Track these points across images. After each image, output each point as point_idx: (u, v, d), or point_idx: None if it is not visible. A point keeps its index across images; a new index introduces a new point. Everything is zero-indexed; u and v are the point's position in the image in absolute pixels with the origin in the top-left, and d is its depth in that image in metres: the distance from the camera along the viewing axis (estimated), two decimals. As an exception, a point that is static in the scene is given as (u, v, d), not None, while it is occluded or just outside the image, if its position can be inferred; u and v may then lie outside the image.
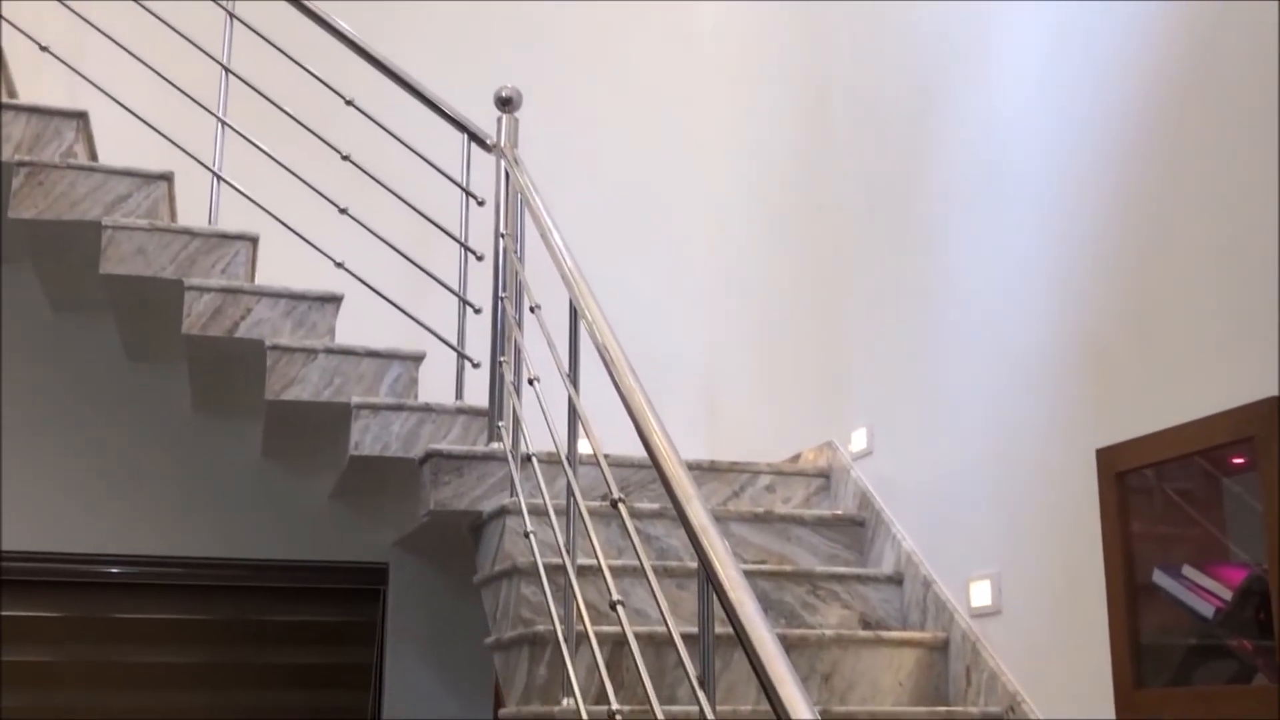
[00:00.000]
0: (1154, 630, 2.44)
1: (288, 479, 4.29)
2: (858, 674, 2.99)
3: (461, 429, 3.50)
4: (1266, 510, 2.17)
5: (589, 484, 3.49)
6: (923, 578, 3.21)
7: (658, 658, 2.81)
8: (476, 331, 3.79)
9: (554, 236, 3.00)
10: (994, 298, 3.06)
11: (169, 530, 4.18)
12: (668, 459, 2.10)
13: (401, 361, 3.56)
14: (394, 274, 3.82)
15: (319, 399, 3.45)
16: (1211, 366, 2.36)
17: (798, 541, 3.48)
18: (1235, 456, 2.28)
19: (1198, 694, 2.30)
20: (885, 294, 3.59)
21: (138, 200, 3.57)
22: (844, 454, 3.73)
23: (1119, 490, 2.54)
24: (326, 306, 3.58)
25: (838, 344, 3.86)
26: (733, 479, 3.75)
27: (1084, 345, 2.72)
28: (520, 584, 2.99)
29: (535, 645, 2.83)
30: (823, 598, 3.25)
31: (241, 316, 3.48)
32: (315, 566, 4.31)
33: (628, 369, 2.38)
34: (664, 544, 3.33)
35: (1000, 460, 2.98)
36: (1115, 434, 2.59)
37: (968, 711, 2.82)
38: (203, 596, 4.26)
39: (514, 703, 2.95)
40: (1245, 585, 2.23)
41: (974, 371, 3.12)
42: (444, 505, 3.29)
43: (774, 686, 1.58)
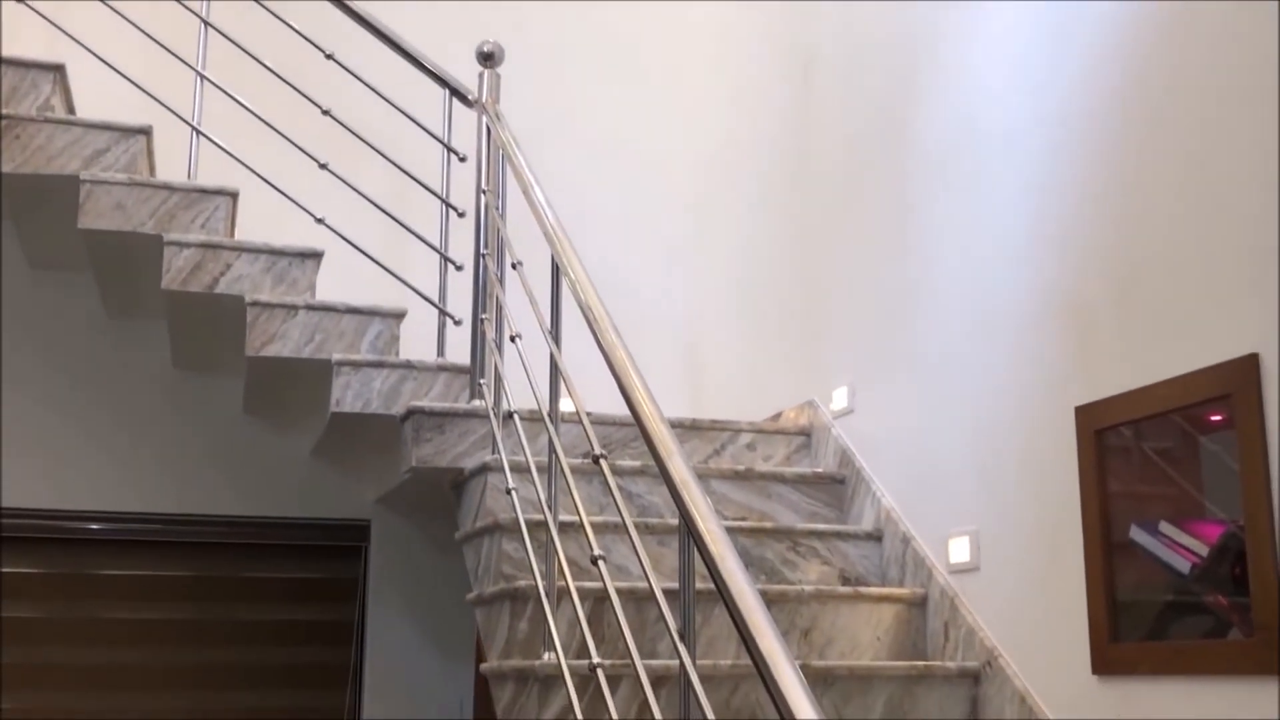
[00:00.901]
0: (1131, 586, 2.46)
1: (269, 436, 4.29)
2: (837, 629, 3.01)
3: (443, 386, 3.50)
4: (1244, 467, 2.19)
5: (571, 442, 3.49)
6: (902, 534, 3.23)
7: (639, 613, 2.83)
8: (458, 288, 3.79)
9: (536, 193, 2.99)
10: (975, 257, 3.07)
11: (150, 487, 4.17)
12: (649, 414, 2.10)
13: (383, 318, 3.55)
14: (375, 230, 3.80)
15: (300, 355, 3.45)
16: (1190, 325, 2.37)
17: (778, 499, 3.50)
18: (1213, 414, 2.30)
19: (1173, 648, 2.33)
20: (867, 253, 3.59)
21: (116, 154, 3.54)
22: (825, 412, 3.74)
23: (1097, 448, 2.56)
24: (307, 262, 3.57)
25: (819, 303, 3.86)
26: (714, 437, 3.76)
27: (1064, 304, 2.73)
28: (502, 540, 3.00)
29: (517, 600, 2.84)
30: (803, 554, 3.27)
31: (221, 272, 3.46)
32: (297, 523, 4.31)
33: (610, 325, 2.38)
34: (645, 501, 3.34)
35: (980, 418, 2.99)
36: (1094, 392, 2.60)
37: (945, 666, 2.85)
38: (183, 553, 4.26)
39: (495, 657, 2.96)
40: (1222, 541, 2.25)
41: (954, 330, 3.13)
42: (425, 462, 3.29)
43: (754, 638, 1.59)
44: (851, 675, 2.77)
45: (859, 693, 2.77)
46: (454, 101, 3.87)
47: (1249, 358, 2.20)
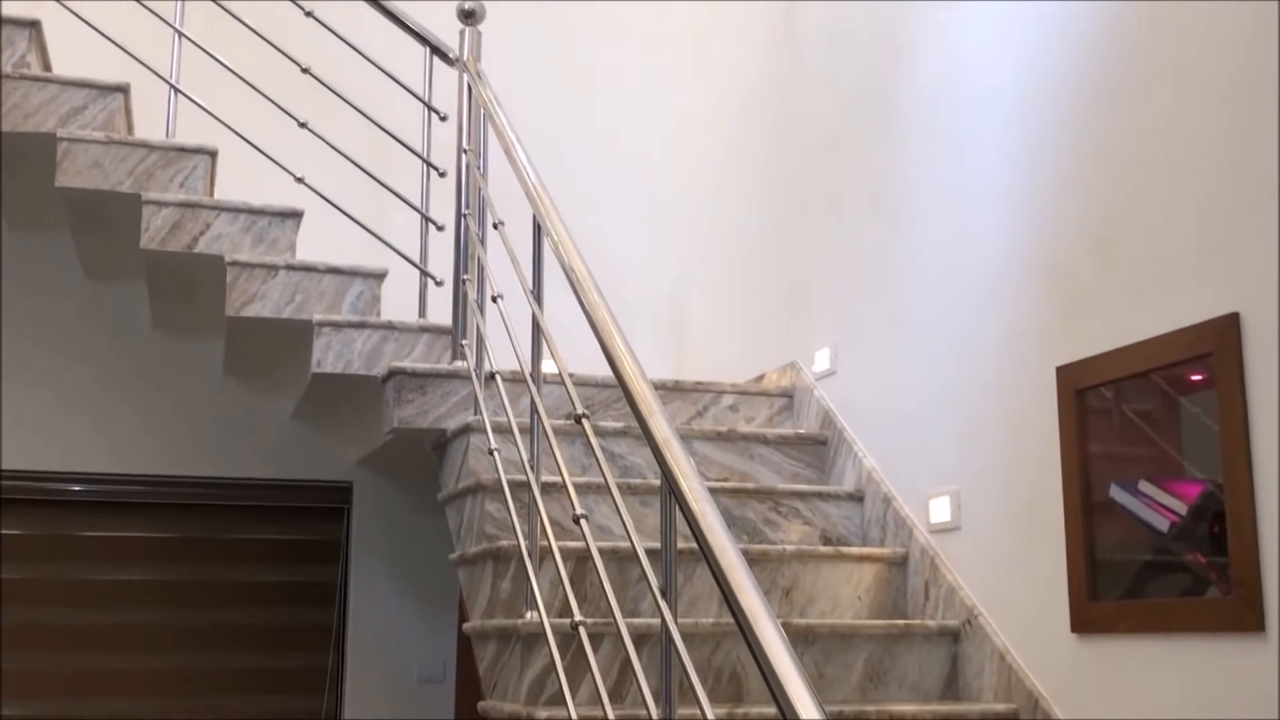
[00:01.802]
0: (1110, 545, 2.48)
1: (250, 397, 4.28)
2: (818, 588, 3.03)
3: (425, 347, 3.49)
4: (1223, 425, 2.20)
5: (553, 403, 3.49)
6: (883, 495, 3.25)
7: (621, 572, 2.83)
8: (439, 249, 3.77)
9: (517, 152, 2.97)
10: (957, 217, 3.07)
11: (130, 448, 4.16)
12: (631, 373, 2.10)
13: (364, 279, 3.53)
14: (355, 191, 3.78)
15: (280, 316, 3.43)
16: (1172, 284, 2.37)
17: (760, 460, 3.50)
18: (1194, 373, 2.30)
19: (1152, 606, 2.34)
20: (850, 216, 3.59)
21: (93, 112, 3.50)
22: (807, 374, 3.75)
23: (1078, 407, 2.57)
24: (287, 222, 3.54)
25: (802, 266, 3.86)
26: (697, 399, 3.76)
27: (1046, 264, 2.73)
28: (484, 500, 3.00)
29: (499, 560, 2.85)
30: (784, 514, 3.28)
31: (200, 232, 3.43)
32: (278, 485, 4.31)
33: (592, 285, 2.37)
34: (628, 462, 3.34)
35: (962, 379, 3.00)
36: (1075, 352, 2.61)
37: (925, 625, 2.87)
38: (165, 514, 4.26)
39: (478, 616, 2.97)
40: (1200, 500, 2.26)
41: (937, 291, 3.13)
42: (407, 423, 3.29)
43: (735, 595, 1.59)
44: (832, 633, 2.78)
45: (839, 650, 2.79)
46: (435, 60, 3.84)
47: (1230, 317, 2.21)
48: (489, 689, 2.81)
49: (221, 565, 4.29)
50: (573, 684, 2.52)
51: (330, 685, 4.28)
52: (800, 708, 1.41)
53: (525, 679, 2.55)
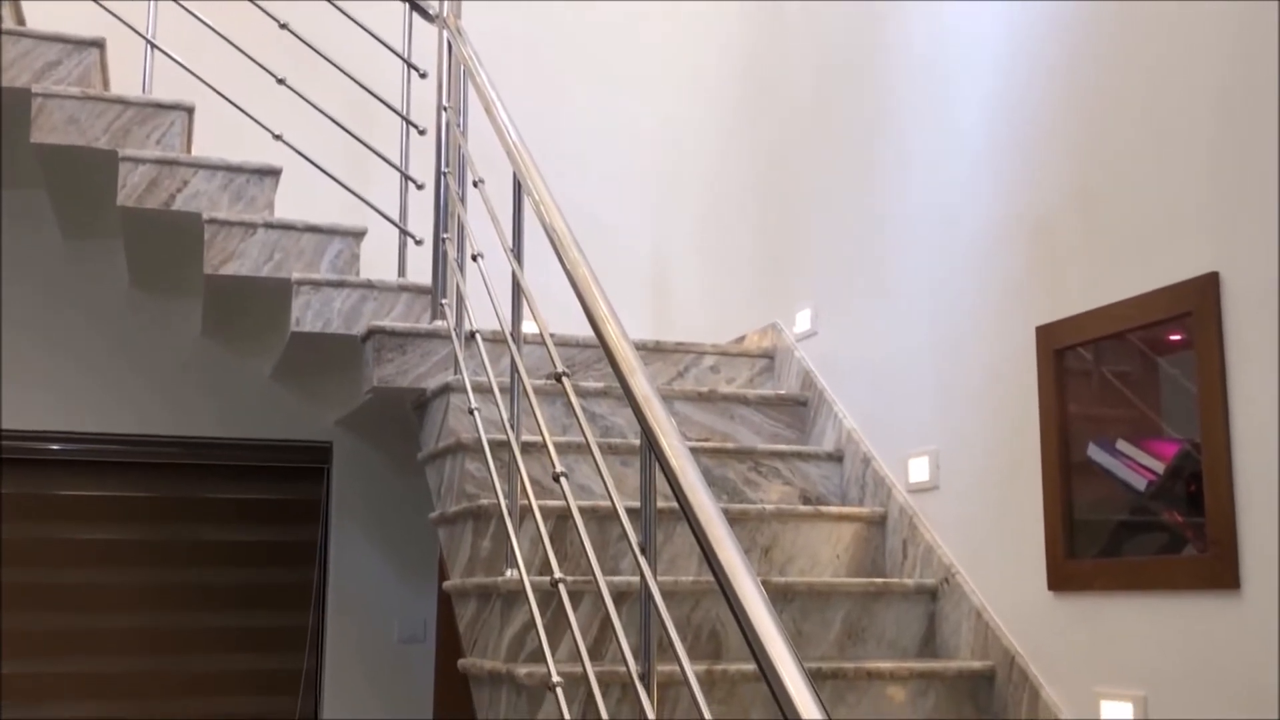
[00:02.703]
0: (1087, 504, 2.49)
1: (229, 357, 4.25)
2: (797, 547, 3.04)
3: (405, 306, 3.47)
4: (1202, 384, 2.21)
5: (533, 363, 3.49)
6: (863, 455, 3.26)
7: (601, 531, 2.84)
8: (419, 208, 3.75)
9: (498, 110, 2.95)
10: (939, 177, 3.06)
11: (110, 408, 4.14)
12: (611, 331, 2.09)
13: (343, 237, 3.51)
14: (335, 149, 3.75)
15: (258, 274, 3.40)
16: (1152, 244, 2.38)
17: (741, 420, 3.51)
18: (1173, 333, 2.31)
19: (1128, 564, 2.36)
20: (832, 175, 3.58)
21: (68, 68, 3.46)
22: (788, 335, 3.75)
23: (1057, 367, 2.57)
24: (265, 180, 3.51)
25: (784, 226, 3.85)
26: (678, 359, 3.76)
27: (1027, 223, 2.73)
28: (464, 460, 2.99)
29: (479, 519, 2.85)
30: (764, 474, 3.29)
31: (178, 189, 3.40)
32: (258, 445, 4.29)
33: (572, 242, 2.36)
34: (609, 422, 3.34)
35: (942, 339, 3.00)
36: (1055, 311, 2.61)
37: (903, 583, 2.88)
38: (144, 474, 4.24)
39: (458, 575, 2.97)
40: (1178, 459, 2.28)
41: (917, 251, 3.13)
42: (387, 382, 3.28)
43: (714, 550, 1.59)
44: (811, 591, 2.80)
45: (818, 608, 2.80)
46: (414, 16, 3.80)
47: (1209, 276, 2.21)
48: (469, 646, 2.82)
49: (201, 525, 4.28)
50: (552, 641, 2.53)
51: (311, 645, 4.29)
52: (779, 663, 1.41)
53: (505, 636, 2.56)
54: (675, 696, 2.45)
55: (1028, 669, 2.60)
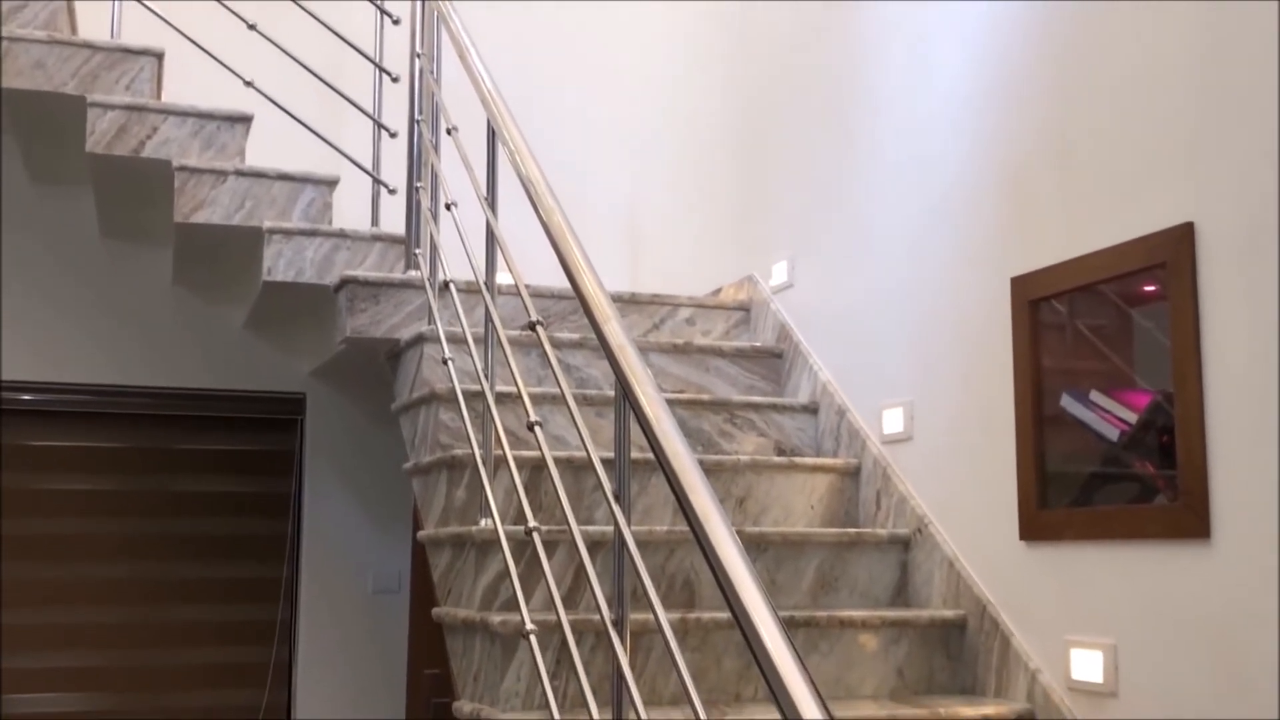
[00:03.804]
0: (1060, 454, 2.50)
1: (201, 307, 4.22)
2: (771, 498, 3.05)
3: (378, 256, 3.45)
4: (1175, 334, 2.22)
5: (508, 314, 3.47)
6: (837, 406, 3.26)
7: (575, 482, 2.84)
8: (392, 157, 3.71)
9: (472, 56, 2.91)
10: (915, 130, 3.05)
11: (80, 358, 4.10)
12: (586, 279, 2.08)
13: (315, 185, 3.47)
14: (306, 96, 3.70)
15: (230, 223, 3.37)
16: (1128, 194, 2.37)
17: (716, 372, 3.51)
18: (1147, 284, 2.31)
19: (1100, 514, 2.37)
20: (809, 128, 3.56)
21: (34, 10, 3.40)
22: (764, 287, 3.74)
23: (1032, 318, 2.58)
24: (236, 127, 3.47)
25: (761, 179, 3.83)
26: (653, 312, 3.75)
27: (1002, 175, 2.73)
28: (439, 410, 2.98)
29: (453, 469, 2.84)
30: (739, 426, 3.29)
31: (147, 136, 3.36)
32: (231, 395, 4.27)
33: (546, 190, 2.34)
34: (584, 374, 3.33)
35: (917, 290, 3.00)
36: (1030, 262, 2.61)
37: (876, 533, 2.90)
38: (116, 424, 4.22)
39: (432, 525, 2.97)
40: (1150, 409, 2.29)
41: (894, 203, 3.12)
42: (360, 332, 3.26)
43: (687, 496, 1.59)
44: (784, 541, 2.81)
45: (791, 558, 2.81)
46: (388, -38, 3.75)
47: (1184, 226, 2.21)
48: (443, 596, 2.82)
49: (174, 476, 4.26)
50: (526, 590, 2.53)
51: (285, 595, 4.29)
52: (752, 608, 1.41)
53: (479, 585, 2.56)
54: (649, 645, 2.46)
55: (999, 618, 2.62)
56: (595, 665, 2.40)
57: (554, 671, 2.37)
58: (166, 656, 4.16)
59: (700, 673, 2.49)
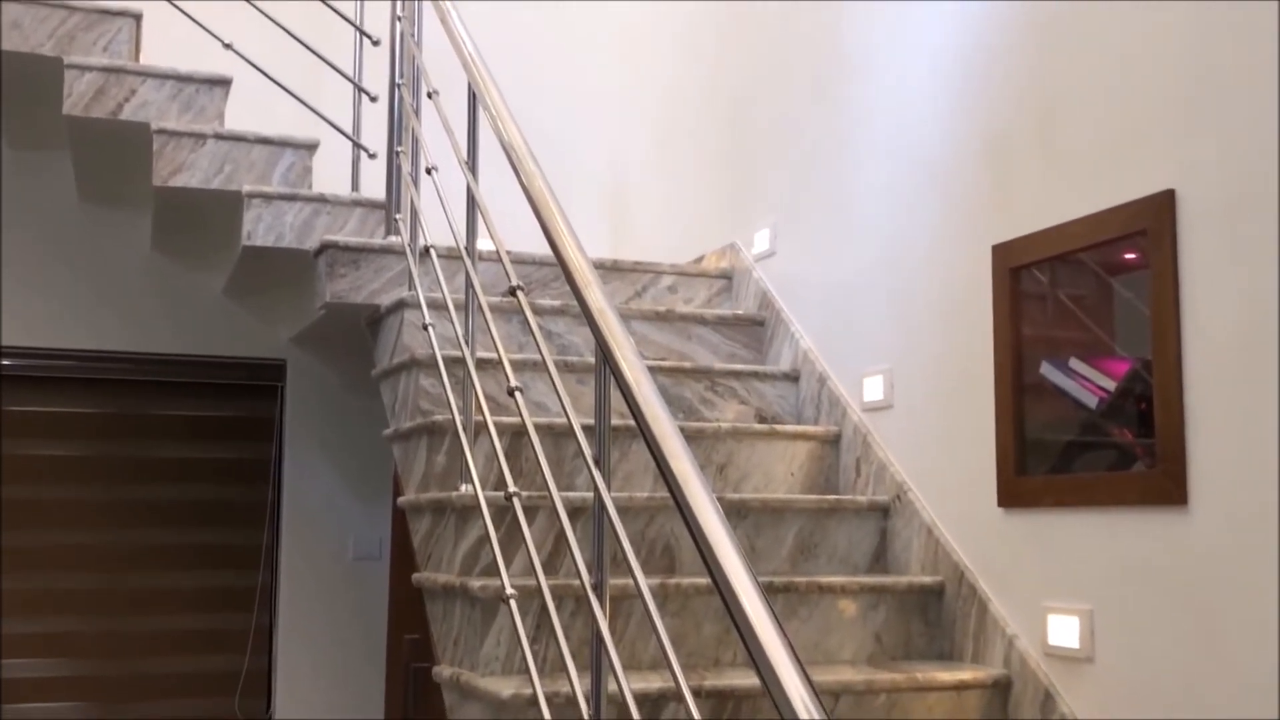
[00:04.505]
0: (1039, 421, 2.51)
1: (180, 272, 4.20)
2: (752, 465, 3.05)
3: (358, 221, 3.43)
4: (1155, 301, 2.22)
5: (489, 281, 3.46)
6: (818, 374, 3.26)
7: (556, 448, 2.84)
8: (372, 121, 3.68)
9: (453, 19, 2.88)
10: (899, 97, 3.04)
11: (59, 323, 4.08)
12: (567, 244, 2.07)
13: (295, 150, 3.45)
14: (286, 60, 3.67)
15: (209, 186, 3.34)
16: (1110, 161, 2.37)
17: (698, 340, 3.51)
18: (1127, 253, 2.32)
19: (1078, 480, 2.38)
20: (792, 96, 3.55)
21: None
22: (746, 255, 3.74)
23: (1012, 285, 2.58)
24: (215, 90, 3.44)
25: (744, 147, 3.82)
26: (635, 279, 3.74)
27: (985, 143, 2.72)
28: (419, 376, 2.97)
29: (434, 435, 2.84)
30: (720, 394, 3.29)
31: (126, 98, 3.33)
32: (210, 362, 4.25)
33: (528, 154, 2.32)
34: (565, 341, 3.33)
35: (899, 258, 3.00)
36: (1012, 230, 2.61)
37: (856, 500, 2.91)
38: (95, 390, 4.20)
39: (412, 491, 2.97)
40: (1129, 376, 2.30)
41: (876, 171, 3.11)
42: (340, 298, 3.24)
43: (667, 461, 1.59)
44: (764, 508, 2.81)
45: (771, 525, 2.82)
46: (368, -76, 3.71)
47: (1165, 194, 2.21)
48: (423, 561, 2.82)
49: (153, 442, 4.25)
50: (507, 556, 2.53)
51: (265, 562, 4.28)
52: (730, 569, 1.42)
53: (459, 551, 2.56)
54: (629, 610, 2.46)
55: (977, 584, 2.63)
56: (575, 630, 2.41)
57: (534, 636, 2.38)
58: (146, 622, 4.16)
59: (680, 638, 2.50)
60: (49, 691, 4.03)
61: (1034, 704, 2.44)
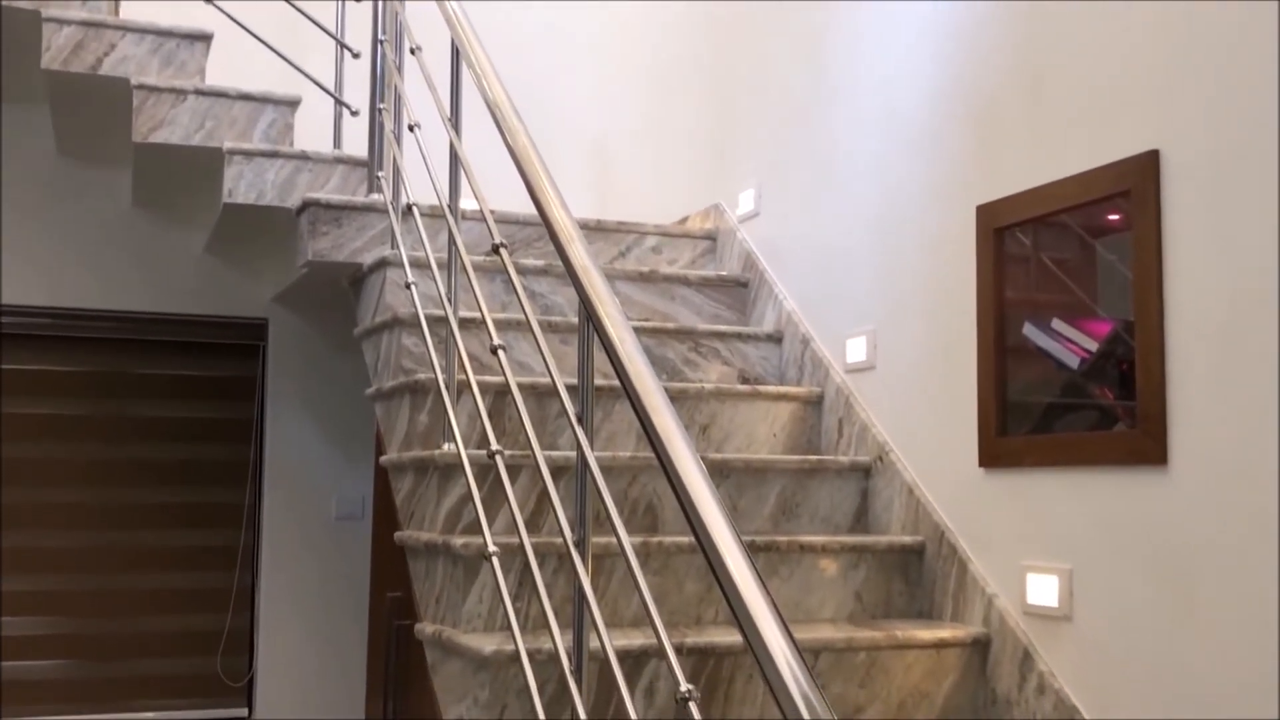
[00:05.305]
0: (1021, 382, 2.52)
1: (160, 230, 4.17)
2: (734, 426, 3.06)
3: (340, 179, 3.41)
4: (1138, 260, 2.22)
5: (472, 240, 3.45)
6: (802, 336, 3.27)
7: (539, 408, 2.83)
8: (355, 78, 3.65)
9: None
10: (884, 57, 3.03)
11: (39, 280, 4.05)
12: (550, 200, 2.06)
13: (276, 106, 3.42)
14: (268, 15, 3.64)
15: (189, 143, 3.32)
16: (1095, 122, 2.37)
17: (682, 301, 3.50)
18: (1111, 213, 2.32)
19: (1059, 440, 2.39)
20: (779, 58, 3.53)
21: (-15, -78, 3.31)
22: (730, 216, 3.73)
23: (996, 246, 2.58)
24: (196, 45, 3.40)
25: (728, 107, 3.81)
26: (619, 239, 3.73)
27: (970, 103, 2.71)
28: (401, 335, 2.96)
29: (416, 394, 2.83)
30: (704, 355, 3.29)
31: (105, 53, 3.29)
32: (192, 321, 4.23)
33: (511, 110, 2.31)
34: (549, 301, 3.32)
35: (884, 219, 3.00)
36: (996, 191, 2.61)
37: (838, 460, 2.92)
38: (77, 349, 4.17)
39: (395, 450, 2.96)
40: (1111, 337, 2.30)
41: (861, 131, 3.10)
42: (322, 256, 3.23)
43: (649, 417, 1.59)
44: (747, 468, 2.82)
45: (753, 484, 2.83)
46: (351, -122, 3.67)
47: (1149, 154, 2.21)
48: (406, 519, 2.82)
49: (135, 401, 4.23)
50: (489, 515, 2.54)
51: (247, 521, 4.28)
52: (712, 526, 1.42)
53: (442, 509, 2.56)
54: (611, 567, 2.47)
55: (957, 543, 2.65)
56: (557, 588, 2.41)
57: (516, 593, 2.38)
58: (127, 581, 4.15)
59: (662, 595, 2.51)
60: (29, 649, 4.03)
61: (1013, 662, 2.46)
